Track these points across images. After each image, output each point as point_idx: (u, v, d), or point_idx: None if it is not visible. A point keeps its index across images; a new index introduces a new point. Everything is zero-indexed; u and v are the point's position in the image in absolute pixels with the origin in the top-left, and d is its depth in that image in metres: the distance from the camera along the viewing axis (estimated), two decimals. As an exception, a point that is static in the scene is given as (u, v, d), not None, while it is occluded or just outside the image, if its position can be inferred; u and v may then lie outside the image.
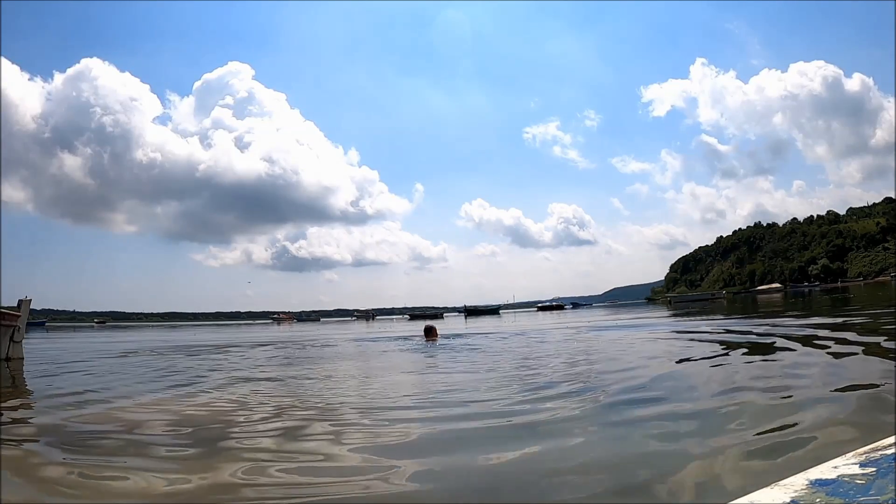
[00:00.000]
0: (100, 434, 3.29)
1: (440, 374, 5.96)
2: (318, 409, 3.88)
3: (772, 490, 0.97)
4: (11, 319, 8.49)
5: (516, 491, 2.10)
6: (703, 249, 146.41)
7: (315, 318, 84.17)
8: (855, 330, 7.03)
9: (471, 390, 4.40)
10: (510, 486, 2.15)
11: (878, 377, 3.67)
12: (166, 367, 7.63)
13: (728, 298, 51.84)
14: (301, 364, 7.76)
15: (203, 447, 2.85)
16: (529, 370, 5.54)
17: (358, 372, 6.57)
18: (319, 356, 9.25)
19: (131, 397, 4.74)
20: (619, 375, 4.69)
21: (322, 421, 3.41)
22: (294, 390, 4.96)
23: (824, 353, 5.11)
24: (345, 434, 3.03)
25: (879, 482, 0.94)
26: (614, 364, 5.64)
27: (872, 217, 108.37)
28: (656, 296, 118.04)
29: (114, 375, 6.75)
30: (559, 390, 4.10)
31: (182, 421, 3.65)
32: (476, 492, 2.13)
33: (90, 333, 28.26)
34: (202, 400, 4.53)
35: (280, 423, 3.42)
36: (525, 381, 4.71)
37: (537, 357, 7.04)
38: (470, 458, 2.51)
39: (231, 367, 7.39)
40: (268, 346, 12.84)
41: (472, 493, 2.13)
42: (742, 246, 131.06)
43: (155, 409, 4.18)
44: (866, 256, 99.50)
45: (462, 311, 60.69)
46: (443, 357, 7.77)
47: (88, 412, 4.07)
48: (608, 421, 3.06)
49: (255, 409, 3.97)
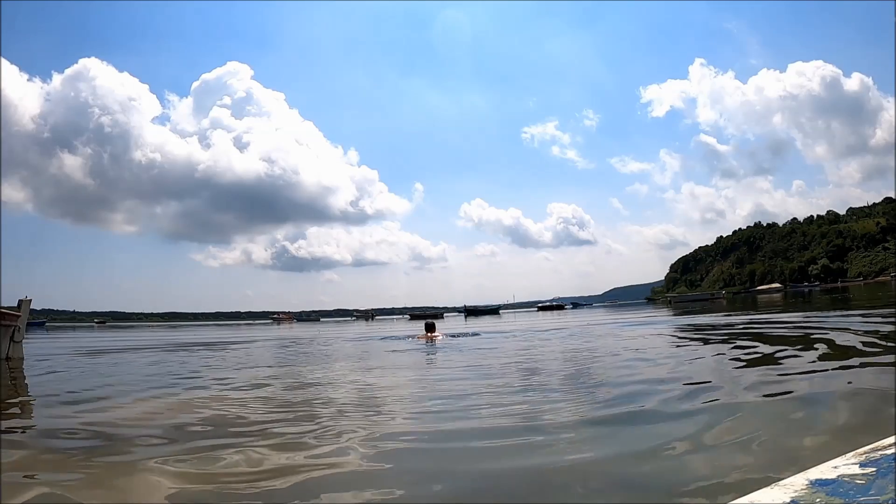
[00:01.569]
0: (100, 434, 3.29)
1: (438, 373, 5.96)
2: (316, 408, 3.89)
3: (772, 490, 0.97)
4: (11, 319, 8.49)
5: (516, 490, 2.10)
6: (703, 249, 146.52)
7: (315, 318, 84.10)
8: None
9: (471, 390, 4.40)
10: (509, 485, 2.15)
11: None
12: (166, 366, 7.64)
13: (728, 298, 51.85)
14: (300, 363, 7.76)
15: (202, 447, 2.85)
16: (530, 370, 5.54)
17: (356, 371, 6.57)
18: (318, 356, 9.25)
19: (131, 395, 4.75)
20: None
21: (319, 420, 3.41)
22: (292, 390, 4.96)
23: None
24: (342, 434, 3.03)
25: (879, 482, 0.94)
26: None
27: (872, 217, 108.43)
28: (656, 296, 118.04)
29: (114, 375, 6.75)
30: (559, 389, 4.10)
31: (180, 421, 3.65)
32: (475, 492, 2.13)
33: (90, 333, 28.26)
34: (201, 400, 4.53)
35: (278, 423, 3.42)
36: (526, 380, 4.71)
37: (538, 356, 7.04)
38: (469, 457, 2.51)
39: (231, 367, 7.39)
40: (267, 345, 12.84)
41: (471, 493, 2.13)
42: (742, 246, 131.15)
43: (153, 409, 4.18)
44: (866, 256, 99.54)
45: (462, 312, 60.68)
46: (441, 356, 7.78)
47: (88, 412, 4.07)
48: (606, 418, 3.07)
49: (253, 408, 3.97)
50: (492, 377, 5.19)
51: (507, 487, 2.14)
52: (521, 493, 2.07)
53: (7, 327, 8.42)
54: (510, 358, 7.03)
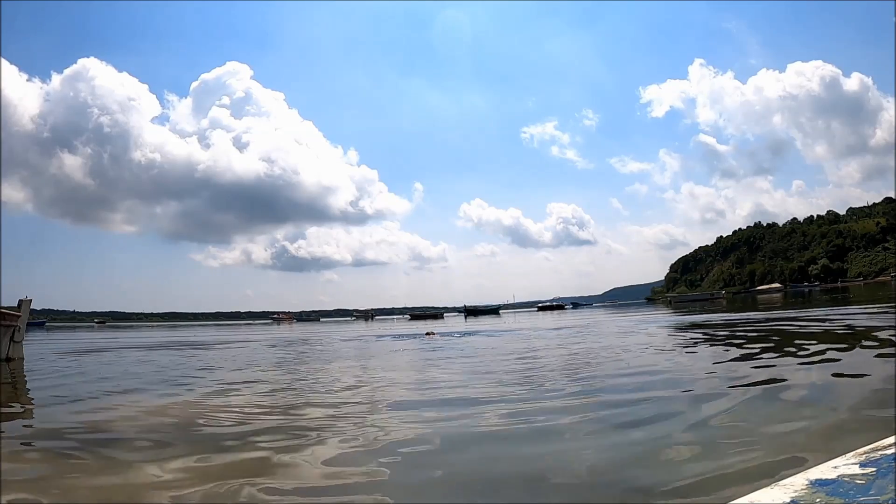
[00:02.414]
0: (100, 434, 3.29)
1: (436, 372, 5.95)
2: (314, 407, 3.89)
3: (772, 490, 0.97)
4: (11, 319, 8.49)
5: (515, 491, 2.10)
6: (703, 249, 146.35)
7: (315, 318, 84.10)
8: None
9: (467, 388, 4.40)
10: (509, 485, 2.15)
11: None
12: (167, 365, 7.63)
13: (728, 298, 51.80)
14: (299, 363, 7.76)
15: (201, 447, 2.85)
16: (530, 369, 5.54)
17: (353, 370, 6.57)
18: (317, 354, 9.25)
19: (130, 394, 4.74)
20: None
21: (318, 420, 3.41)
22: (291, 388, 4.96)
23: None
24: (338, 432, 3.03)
25: (879, 482, 0.94)
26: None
27: (872, 217, 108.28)
28: (656, 296, 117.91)
29: (115, 375, 6.74)
30: (558, 387, 4.10)
31: (181, 421, 3.65)
32: (475, 492, 2.13)
33: (90, 333, 28.25)
34: (198, 399, 4.53)
35: (278, 423, 3.42)
36: (526, 378, 4.70)
37: (537, 355, 7.04)
38: (467, 457, 2.51)
39: (230, 366, 7.39)
40: (267, 344, 12.84)
41: (471, 493, 2.12)
42: (742, 246, 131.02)
43: (151, 408, 4.18)
44: (866, 256, 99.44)
45: (462, 312, 60.63)
46: (440, 355, 7.77)
47: (88, 412, 4.07)
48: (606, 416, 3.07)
49: (253, 407, 3.97)
50: (491, 375, 5.19)
51: (507, 487, 2.14)
52: (521, 493, 2.07)
53: (7, 327, 8.42)
54: (511, 358, 7.03)
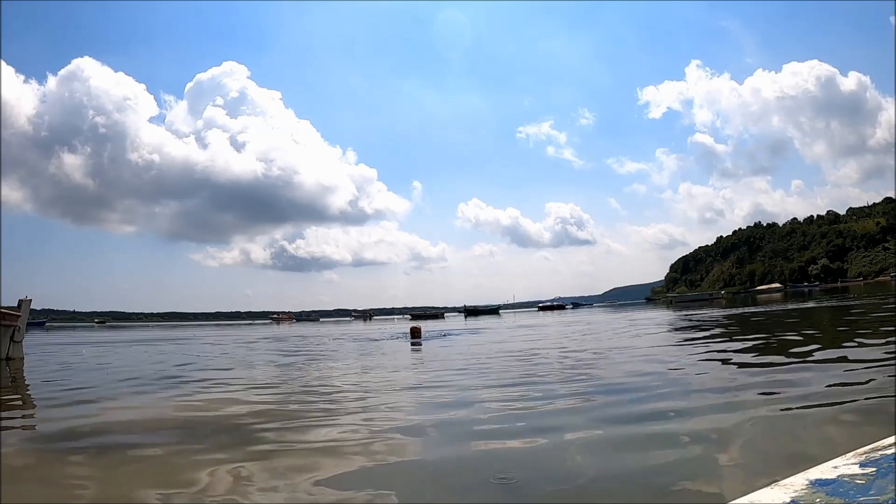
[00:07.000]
0: (100, 434, 3.29)
1: (433, 372, 5.95)
2: (313, 407, 3.89)
3: (772, 490, 0.97)
4: (11, 319, 8.49)
5: (515, 490, 2.10)
6: (702, 249, 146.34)
7: (315, 317, 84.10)
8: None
9: (469, 388, 4.40)
10: (506, 485, 2.15)
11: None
12: (167, 365, 7.64)
13: (727, 298, 51.79)
14: (298, 362, 7.76)
15: (200, 447, 2.85)
16: (531, 367, 5.54)
17: (351, 369, 6.57)
18: (315, 354, 9.25)
19: (128, 396, 4.75)
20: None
21: (317, 419, 3.41)
22: (289, 387, 4.96)
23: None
24: (334, 433, 3.03)
25: (879, 482, 0.94)
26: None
27: (872, 217, 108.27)
28: (656, 296, 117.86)
29: (115, 375, 6.75)
30: (558, 386, 4.10)
31: (180, 421, 3.65)
32: (474, 492, 2.13)
33: (90, 333, 28.24)
34: (197, 399, 4.53)
35: (275, 421, 3.42)
36: (527, 377, 4.70)
37: (539, 354, 7.04)
38: (464, 456, 2.51)
39: (230, 366, 7.40)
40: (266, 344, 12.85)
41: (470, 492, 2.13)
42: (742, 246, 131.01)
43: (149, 408, 4.19)
44: (866, 256, 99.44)
45: (462, 311, 60.64)
46: (441, 354, 7.77)
47: (88, 412, 4.07)
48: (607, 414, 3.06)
49: (251, 407, 3.97)
50: (492, 374, 5.19)
51: (506, 486, 2.14)
52: (521, 492, 2.07)
53: (7, 327, 8.42)
54: (512, 357, 7.03)
